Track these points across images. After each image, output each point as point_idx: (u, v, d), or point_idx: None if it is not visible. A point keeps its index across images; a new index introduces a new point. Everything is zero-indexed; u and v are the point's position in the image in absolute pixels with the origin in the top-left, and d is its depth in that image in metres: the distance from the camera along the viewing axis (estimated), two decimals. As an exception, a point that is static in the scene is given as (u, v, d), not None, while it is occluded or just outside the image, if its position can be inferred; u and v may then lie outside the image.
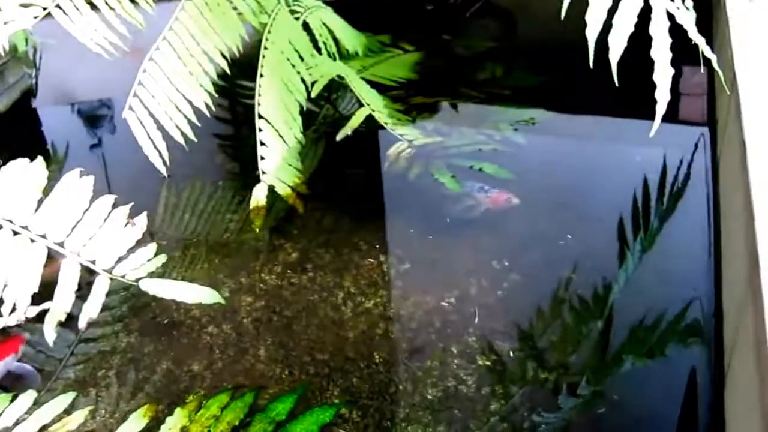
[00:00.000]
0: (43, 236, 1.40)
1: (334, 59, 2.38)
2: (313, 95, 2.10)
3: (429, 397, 1.40)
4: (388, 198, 2.02)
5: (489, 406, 1.36)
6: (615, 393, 1.38)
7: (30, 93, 2.44)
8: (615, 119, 2.26)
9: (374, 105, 2.20)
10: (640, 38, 1.51)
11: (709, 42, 2.19)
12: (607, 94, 1.54)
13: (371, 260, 1.75)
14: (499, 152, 2.07)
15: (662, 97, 1.48)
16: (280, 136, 1.95)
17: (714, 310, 1.51)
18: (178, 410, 1.34)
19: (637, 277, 1.64)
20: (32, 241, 1.39)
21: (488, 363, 1.46)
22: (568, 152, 2.17)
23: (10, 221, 1.39)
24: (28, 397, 1.32)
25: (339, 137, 2.09)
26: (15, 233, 1.38)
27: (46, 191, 1.48)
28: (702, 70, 1.72)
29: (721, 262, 1.59)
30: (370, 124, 2.14)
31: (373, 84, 2.33)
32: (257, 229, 1.76)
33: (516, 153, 2.07)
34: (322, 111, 2.40)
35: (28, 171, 1.45)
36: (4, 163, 1.47)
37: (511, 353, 1.47)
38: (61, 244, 1.41)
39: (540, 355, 1.47)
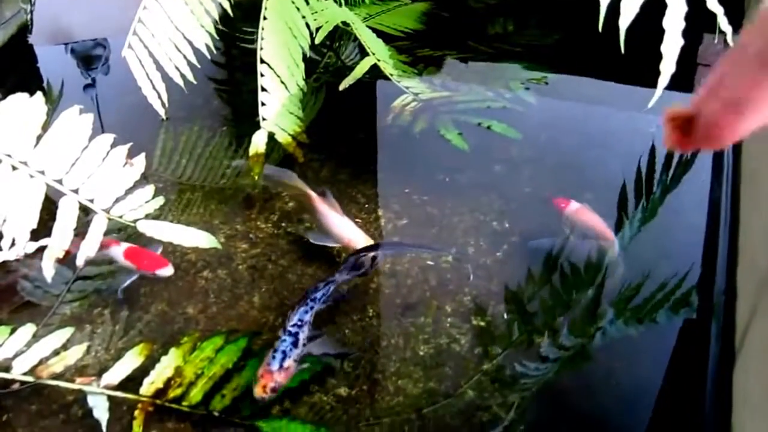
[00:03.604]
0: (42, 172, 1.48)
1: (340, 5, 2.40)
2: (317, 41, 2.13)
3: (420, 353, 1.48)
4: (389, 151, 2.08)
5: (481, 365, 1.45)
6: (605, 359, 1.47)
7: (26, 29, 2.48)
8: (629, 86, 2.25)
9: (380, 55, 2.23)
10: (664, 6, 1.54)
11: (741, 14, 2.19)
12: (622, 58, 1.58)
13: (368, 214, 1.83)
14: (509, 110, 2.08)
15: (667, 68, 1.54)
16: (282, 82, 2.00)
17: (726, 287, 1.56)
18: (173, 350, 1.42)
19: (634, 246, 1.69)
20: (31, 176, 1.46)
21: (482, 323, 1.54)
22: (579, 115, 2.21)
23: (9, 156, 1.46)
24: (27, 330, 1.41)
25: (342, 86, 2.10)
26: (14, 168, 1.46)
27: (44, 128, 1.55)
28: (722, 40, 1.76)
29: (737, 238, 1.63)
30: (374, 75, 2.18)
31: (378, 33, 2.36)
32: (256, 177, 1.82)
33: (526, 112, 2.09)
34: (324, 59, 2.43)
35: (28, 106, 1.52)
36: (3, 98, 1.53)
37: (506, 314, 1.56)
38: (60, 182, 1.49)
39: (531, 318, 1.55)
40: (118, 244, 1.59)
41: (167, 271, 1.56)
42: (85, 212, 1.53)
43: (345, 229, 1.69)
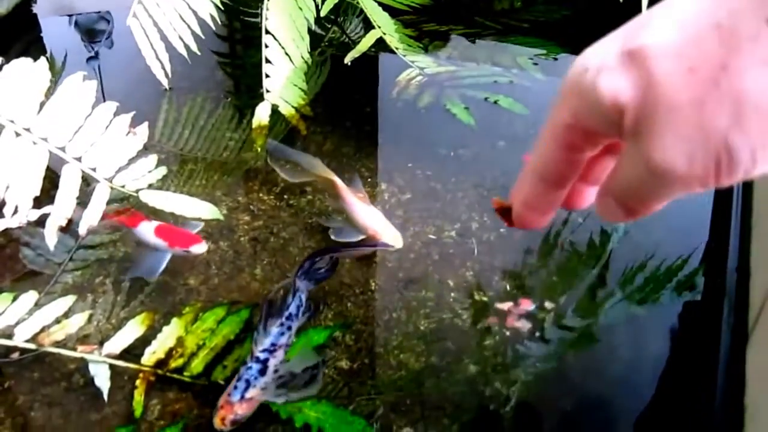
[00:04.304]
0: (45, 140, 1.49)
1: (346, -24, 2.40)
2: (323, 13, 2.15)
3: (422, 327, 1.50)
4: (394, 125, 2.08)
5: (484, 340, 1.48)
6: (612, 337, 1.49)
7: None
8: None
9: (385, 28, 2.24)
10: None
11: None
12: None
13: (372, 188, 1.84)
14: (516, 86, 2.11)
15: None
16: (287, 54, 2.01)
17: (738, 264, 1.56)
18: (175, 320, 1.44)
19: (639, 223, 1.67)
20: (34, 143, 1.47)
21: (485, 298, 1.56)
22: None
23: (13, 122, 1.47)
24: (30, 298, 1.43)
25: (347, 59, 2.12)
26: (17, 135, 1.47)
27: (47, 96, 1.55)
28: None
29: (751, 213, 1.64)
30: (380, 48, 2.19)
31: (384, 7, 2.35)
32: (259, 149, 1.83)
33: (533, 88, 2.11)
34: (328, 34, 2.43)
35: (32, 72, 1.53)
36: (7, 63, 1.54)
37: (508, 288, 1.58)
38: (63, 149, 1.50)
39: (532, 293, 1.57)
40: (149, 220, 1.57)
41: (201, 247, 1.54)
42: (86, 182, 1.54)
43: (372, 222, 1.64)
